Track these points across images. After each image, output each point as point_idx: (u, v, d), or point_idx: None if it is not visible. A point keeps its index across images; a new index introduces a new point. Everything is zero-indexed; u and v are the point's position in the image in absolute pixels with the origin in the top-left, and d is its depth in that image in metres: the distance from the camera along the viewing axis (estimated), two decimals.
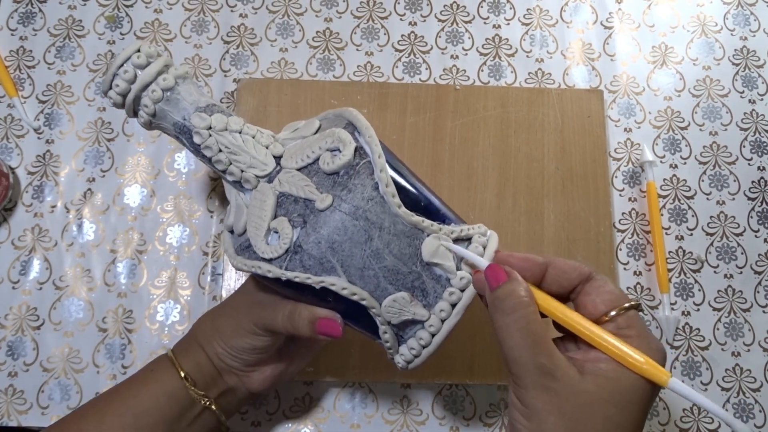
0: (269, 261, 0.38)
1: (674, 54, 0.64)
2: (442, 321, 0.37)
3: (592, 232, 0.57)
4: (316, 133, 0.41)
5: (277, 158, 0.41)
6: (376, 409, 0.54)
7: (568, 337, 0.37)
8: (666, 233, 0.58)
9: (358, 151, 0.38)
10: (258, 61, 0.61)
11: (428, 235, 0.38)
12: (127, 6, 0.62)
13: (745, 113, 0.62)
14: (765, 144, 0.61)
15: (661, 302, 0.56)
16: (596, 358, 0.33)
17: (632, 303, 0.34)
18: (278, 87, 0.59)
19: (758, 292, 0.57)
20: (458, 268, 0.38)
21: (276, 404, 0.53)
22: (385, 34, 0.63)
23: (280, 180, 0.39)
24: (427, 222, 0.38)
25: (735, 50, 0.64)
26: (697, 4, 0.66)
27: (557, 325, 0.37)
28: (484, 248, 0.38)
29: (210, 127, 0.40)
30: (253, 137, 0.41)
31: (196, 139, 0.40)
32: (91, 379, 0.53)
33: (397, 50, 0.62)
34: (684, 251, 0.58)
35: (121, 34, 0.61)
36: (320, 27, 0.63)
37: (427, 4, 0.64)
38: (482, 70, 0.62)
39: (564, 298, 0.37)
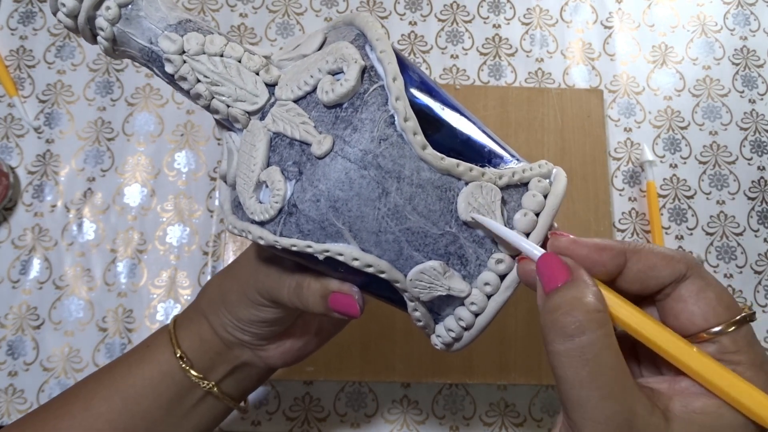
0: (261, 224, 0.29)
1: (674, 54, 0.64)
2: (488, 297, 0.28)
3: (592, 232, 0.57)
4: (320, 49, 0.32)
5: (271, 87, 0.31)
6: (376, 409, 0.54)
7: (645, 353, 0.27)
8: (666, 233, 0.58)
9: (368, 72, 0.28)
10: None
11: (466, 184, 0.28)
12: None
13: (745, 113, 0.62)
14: (765, 144, 0.61)
15: None
16: (688, 390, 0.24)
17: (745, 313, 0.25)
18: None
19: (758, 291, 0.57)
20: (508, 225, 0.28)
21: (276, 404, 0.53)
22: (385, 34, 0.63)
23: (274, 116, 0.30)
24: (463, 166, 0.28)
25: (735, 50, 0.64)
26: (697, 3, 0.66)
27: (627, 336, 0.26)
28: (541, 198, 0.29)
29: (182, 51, 0.30)
30: (239, 61, 0.31)
31: (168, 69, 0.31)
32: None
33: None
34: (684, 251, 0.58)
35: None
36: (320, 27, 0.63)
37: (427, 4, 0.64)
38: (482, 70, 0.62)
39: (642, 299, 0.27)
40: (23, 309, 0.54)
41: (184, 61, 0.30)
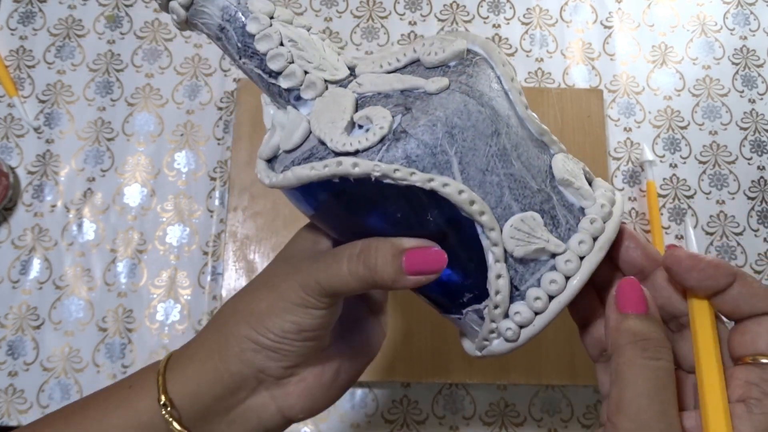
0: (354, 153, 0.27)
1: (674, 53, 0.64)
2: (581, 258, 0.28)
3: None
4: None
5: (350, 68, 0.32)
6: (376, 409, 0.54)
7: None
8: (666, 233, 0.58)
9: (470, 51, 0.30)
10: None
11: (556, 153, 0.30)
12: (127, 6, 0.62)
13: (744, 113, 0.62)
14: (765, 143, 0.61)
15: None
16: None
17: None
18: None
19: None
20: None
21: None
22: (384, 33, 0.63)
23: (359, 82, 0.30)
24: (554, 136, 0.30)
25: (735, 50, 0.64)
26: (697, 3, 0.66)
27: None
28: (610, 187, 0.31)
29: (272, 16, 0.30)
30: (323, 40, 0.32)
31: (252, 27, 0.30)
32: (91, 378, 0.53)
33: None
34: None
35: (121, 33, 0.61)
36: (320, 26, 0.63)
37: (427, 4, 0.64)
38: None
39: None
40: (23, 309, 0.54)
41: (272, 24, 0.30)
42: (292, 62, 0.30)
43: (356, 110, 0.28)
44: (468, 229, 0.27)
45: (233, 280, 0.55)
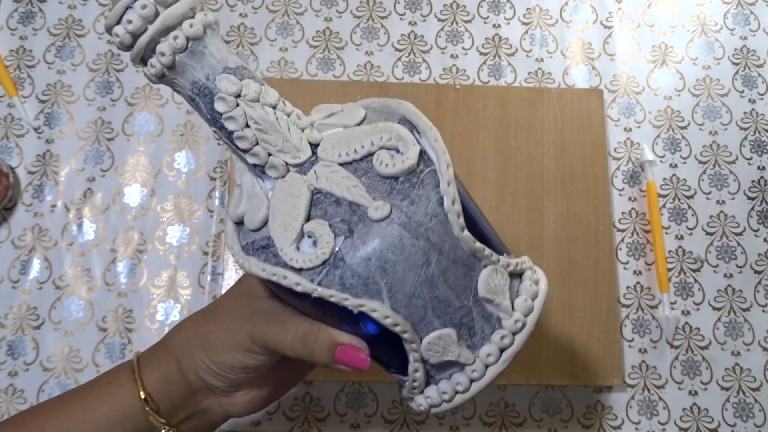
0: (298, 271, 0.31)
1: (674, 53, 0.64)
2: (486, 367, 0.32)
3: (591, 232, 0.57)
4: (361, 123, 0.35)
5: (313, 146, 0.34)
6: (376, 409, 0.54)
7: None
8: (666, 233, 0.58)
9: (422, 155, 0.32)
10: (258, 60, 0.61)
11: (485, 266, 0.32)
12: None
13: (745, 113, 0.62)
14: (765, 143, 0.61)
15: (660, 302, 0.56)
16: None
17: None
18: (278, 86, 0.58)
19: (758, 291, 0.57)
20: (512, 308, 0.33)
21: (276, 404, 0.53)
22: (384, 33, 0.63)
23: (317, 173, 0.32)
24: (488, 250, 0.32)
25: (735, 50, 0.64)
26: (697, 3, 0.66)
27: None
28: (536, 287, 0.34)
29: (239, 95, 0.32)
30: (288, 116, 0.33)
31: (219, 107, 0.32)
32: (91, 378, 0.53)
33: (397, 50, 0.62)
34: (684, 251, 0.58)
35: None
36: (320, 26, 0.63)
37: (427, 4, 0.64)
38: (482, 70, 0.62)
39: None
40: (23, 309, 0.54)
41: (238, 104, 0.32)
42: (257, 144, 0.33)
43: (309, 212, 0.32)
44: (394, 336, 0.31)
45: (233, 280, 0.55)
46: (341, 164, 0.32)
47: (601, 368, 0.54)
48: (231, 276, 0.55)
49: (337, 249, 0.31)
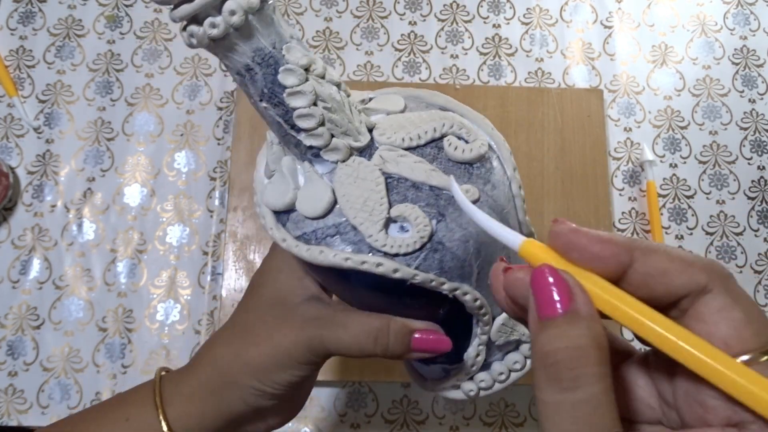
0: (393, 257, 0.29)
1: (674, 53, 0.64)
2: None
3: None
4: (404, 111, 0.33)
5: (369, 131, 0.32)
6: (376, 409, 0.54)
7: (654, 363, 0.23)
8: (666, 233, 0.58)
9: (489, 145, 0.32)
10: None
11: None
12: (126, 6, 0.62)
13: (744, 113, 0.62)
14: (765, 143, 0.61)
15: None
16: (721, 412, 0.20)
17: None
18: None
19: (758, 291, 0.57)
20: None
21: None
22: (384, 33, 0.63)
23: (383, 158, 0.30)
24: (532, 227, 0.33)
25: (735, 49, 0.64)
26: (697, 3, 0.66)
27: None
28: None
29: (308, 69, 0.29)
30: (348, 97, 0.31)
31: (287, 79, 0.28)
32: (91, 378, 0.53)
33: (397, 50, 0.62)
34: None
35: (121, 33, 0.61)
36: (320, 26, 0.63)
37: (427, 4, 0.64)
38: (482, 70, 0.62)
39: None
40: (23, 309, 0.54)
41: (308, 79, 0.29)
42: (323, 125, 0.29)
43: (387, 194, 0.30)
44: (465, 319, 0.31)
45: (233, 280, 0.55)
46: (405, 149, 0.31)
47: None
48: (231, 276, 0.55)
49: (433, 234, 0.29)
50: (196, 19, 0.26)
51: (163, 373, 0.34)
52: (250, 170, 0.56)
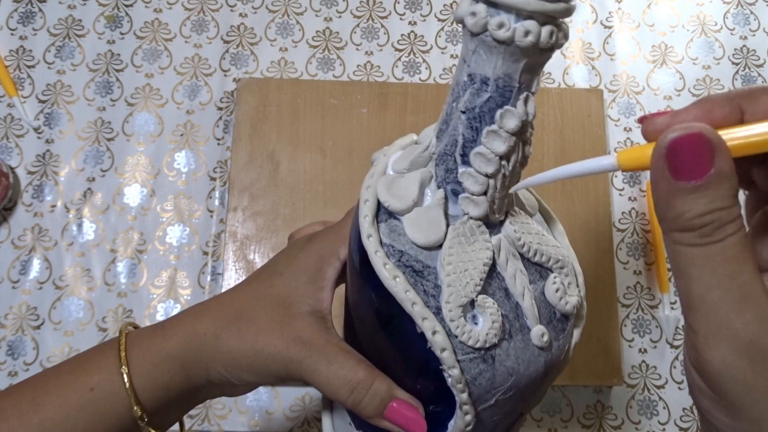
0: (450, 336, 0.27)
1: (674, 53, 0.64)
2: None
3: (592, 232, 0.57)
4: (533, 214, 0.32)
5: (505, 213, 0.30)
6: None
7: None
8: None
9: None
10: (258, 60, 0.61)
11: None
12: (126, 6, 0.62)
13: None
14: None
15: (661, 301, 0.56)
16: None
17: None
18: (278, 86, 0.59)
19: None
20: None
21: (276, 404, 0.53)
22: (384, 33, 0.63)
23: (501, 247, 0.28)
24: None
25: (735, 49, 0.64)
26: (697, 3, 0.66)
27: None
28: None
29: (526, 119, 0.26)
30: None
31: (506, 121, 0.26)
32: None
33: (397, 50, 0.62)
34: None
35: (121, 33, 0.61)
36: (320, 26, 0.63)
37: (427, 4, 0.64)
38: None
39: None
40: (23, 309, 0.54)
41: (523, 127, 0.26)
42: (496, 175, 0.27)
43: (482, 283, 0.27)
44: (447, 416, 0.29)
45: (233, 280, 0.55)
46: (520, 253, 0.29)
47: (601, 368, 0.53)
48: (231, 276, 0.55)
49: (495, 345, 0.27)
50: (496, 4, 0.23)
51: (129, 328, 0.33)
52: (250, 170, 0.56)
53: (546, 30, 0.24)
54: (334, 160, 0.57)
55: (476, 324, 0.27)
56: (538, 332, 0.28)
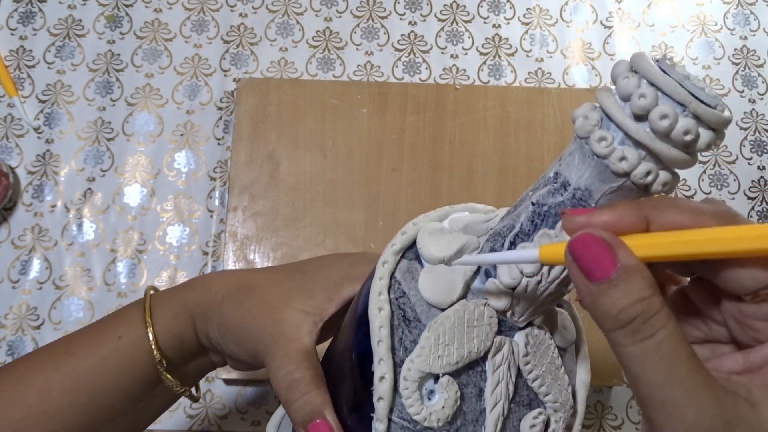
0: (396, 392, 0.26)
1: (674, 53, 0.64)
2: None
3: None
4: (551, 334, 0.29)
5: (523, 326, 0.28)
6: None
7: (693, 292, 0.25)
8: None
9: None
10: (258, 60, 0.61)
11: None
12: (126, 5, 0.62)
13: (744, 113, 0.62)
14: (765, 143, 0.61)
15: None
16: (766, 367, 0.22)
17: None
18: (278, 86, 0.59)
19: None
20: None
21: (276, 404, 0.53)
22: (384, 33, 0.63)
23: (502, 351, 0.27)
24: None
25: (735, 50, 0.64)
26: (697, 3, 0.66)
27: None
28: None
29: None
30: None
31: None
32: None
33: (397, 50, 0.62)
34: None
35: (121, 33, 0.61)
36: (320, 26, 0.63)
37: (427, 4, 0.64)
38: (482, 70, 0.62)
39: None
40: (23, 309, 0.54)
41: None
42: (517, 303, 0.27)
43: (457, 367, 0.26)
44: None
45: None
46: (517, 375, 0.27)
47: (601, 368, 0.53)
48: None
49: (434, 431, 0.26)
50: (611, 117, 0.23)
51: (152, 292, 0.35)
52: (250, 170, 0.56)
53: (644, 166, 0.22)
54: (334, 160, 0.57)
55: (428, 399, 0.26)
56: None
